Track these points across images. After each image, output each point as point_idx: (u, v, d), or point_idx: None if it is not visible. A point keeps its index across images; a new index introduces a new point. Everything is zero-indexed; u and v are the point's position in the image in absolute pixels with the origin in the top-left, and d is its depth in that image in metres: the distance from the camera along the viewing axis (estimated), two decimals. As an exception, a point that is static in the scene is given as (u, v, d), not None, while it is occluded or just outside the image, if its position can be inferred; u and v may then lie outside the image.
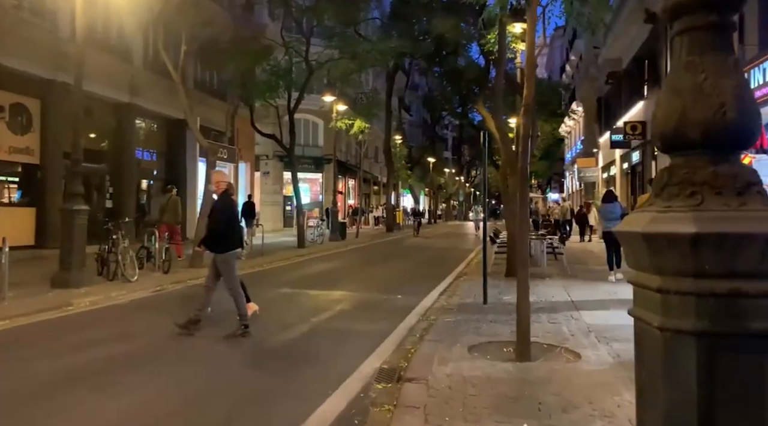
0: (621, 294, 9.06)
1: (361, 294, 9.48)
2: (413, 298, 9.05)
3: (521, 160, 5.38)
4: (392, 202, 35.71)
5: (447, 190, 63.13)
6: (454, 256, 17.25)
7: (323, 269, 13.61)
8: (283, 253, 16.63)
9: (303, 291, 9.69)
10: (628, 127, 18.59)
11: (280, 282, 11.00)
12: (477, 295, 8.98)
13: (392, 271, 13.39)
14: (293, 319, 7.42)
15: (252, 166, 25.81)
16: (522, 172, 5.39)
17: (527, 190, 5.52)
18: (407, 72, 43.28)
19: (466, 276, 11.89)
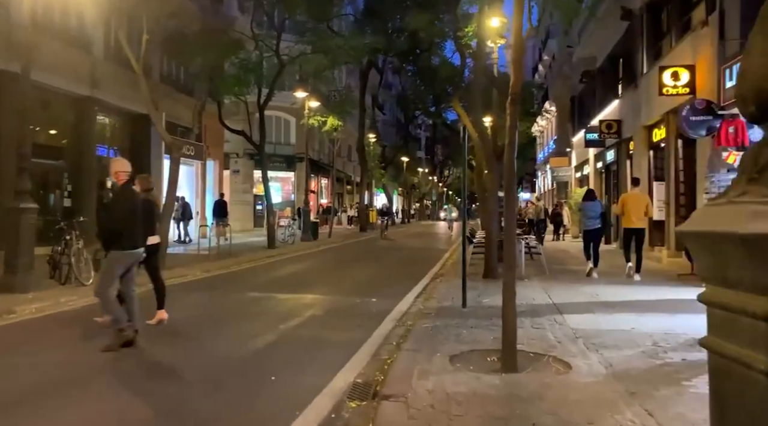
0: (603, 296, 8.75)
1: (333, 297, 8.96)
2: (388, 301, 8.58)
3: (508, 153, 4.95)
4: (365, 202, 35.22)
5: (420, 190, 62.93)
6: (429, 257, 16.85)
7: (294, 271, 13.04)
8: (252, 254, 15.99)
9: (271, 295, 9.13)
10: (604, 125, 18.47)
11: (248, 285, 10.41)
12: (455, 297, 8.55)
13: (366, 273, 12.91)
14: (259, 327, 6.86)
15: (221, 163, 25.01)
16: (509, 166, 4.96)
17: (515, 186, 5.10)
18: (381, 70, 42.85)
19: (442, 277, 11.47)
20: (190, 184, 22.35)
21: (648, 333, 6.16)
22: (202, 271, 12.21)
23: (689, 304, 8.17)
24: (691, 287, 9.75)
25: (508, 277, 4.97)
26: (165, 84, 20.44)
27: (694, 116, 10.28)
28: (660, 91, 11.98)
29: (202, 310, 8.02)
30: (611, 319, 6.98)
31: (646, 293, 9.08)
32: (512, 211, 5.00)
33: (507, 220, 5.07)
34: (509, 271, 4.96)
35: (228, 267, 13.20)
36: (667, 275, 11.57)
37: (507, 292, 4.98)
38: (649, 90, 15.08)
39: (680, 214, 13.45)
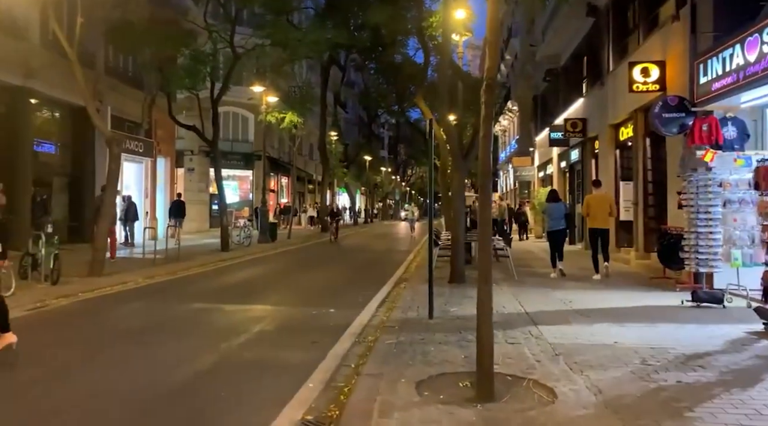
0: (577, 303, 8.21)
1: (287, 308, 8.14)
2: (348, 311, 7.82)
3: (483, 146, 4.26)
4: (327, 201, 34.29)
5: (383, 189, 62.30)
6: (392, 259, 16.16)
7: (246, 277, 12.13)
8: (203, 258, 14.97)
9: (217, 306, 8.23)
10: (569, 124, 18.14)
11: (193, 294, 9.47)
12: (421, 306, 7.87)
13: (325, 278, 12.11)
14: (197, 347, 6.00)
15: (172, 161, 23.74)
16: (486, 162, 4.27)
17: (491, 185, 4.41)
18: (343, 68, 41.95)
19: (406, 282, 10.77)
20: (139, 182, 21.06)
21: (632, 348, 5.59)
22: (145, 277, 11.19)
23: (668, 312, 7.73)
24: (666, 292, 9.36)
25: (484, 292, 4.28)
26: (111, 76, 19.12)
27: (666, 113, 9.87)
28: (630, 88, 11.57)
29: (132, 325, 7.09)
30: (590, 330, 6.40)
31: (621, 299, 8.59)
32: (487, 213, 4.31)
33: (481, 225, 4.38)
34: (484, 286, 4.27)
35: (175, 272, 12.18)
36: (638, 278, 11.18)
37: (482, 308, 4.29)
38: (616, 88, 14.77)
39: (648, 214, 13.13)
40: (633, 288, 9.83)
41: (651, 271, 11.88)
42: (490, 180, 4.41)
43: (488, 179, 4.36)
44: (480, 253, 4.45)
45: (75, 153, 18.38)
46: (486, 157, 4.29)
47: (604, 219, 11.10)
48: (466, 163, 10.33)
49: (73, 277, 10.33)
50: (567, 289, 9.62)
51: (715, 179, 8.09)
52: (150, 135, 21.40)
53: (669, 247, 9.87)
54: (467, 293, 9.13)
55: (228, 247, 17.50)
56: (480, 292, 4.38)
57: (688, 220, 8.37)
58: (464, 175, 10.43)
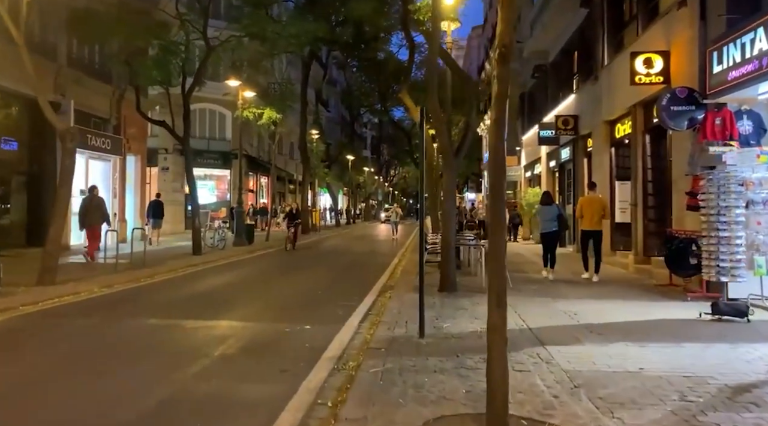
0: (583, 316, 7.33)
1: (256, 324, 7.13)
2: (326, 328, 6.85)
3: (495, 133, 3.33)
4: (309, 201, 33.18)
5: (366, 189, 61.28)
6: (375, 264, 15.20)
7: (216, 285, 11.07)
8: (172, 263, 13.87)
9: (177, 322, 7.19)
10: (560, 121, 17.35)
11: (152, 307, 8.42)
12: (409, 320, 6.95)
13: (303, 285, 11.10)
14: (145, 377, 4.99)
15: (143, 159, 22.48)
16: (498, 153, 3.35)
17: (504, 181, 3.48)
18: (325, 65, 40.96)
19: (391, 290, 9.81)
20: (106, 181, 19.79)
21: (663, 376, 4.71)
22: (102, 286, 10.08)
23: (688, 328, 6.65)
24: (676, 301, 8.53)
25: (496, 317, 3.36)
26: (76, 68, 17.90)
27: (674, 106, 9.07)
28: (631, 80, 10.77)
29: (70, 349, 6.03)
30: (607, 352, 5.51)
31: (630, 311, 7.74)
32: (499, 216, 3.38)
33: (493, 231, 3.45)
34: (497, 310, 3.34)
35: (138, 280, 11.09)
36: (640, 285, 10.37)
37: (495, 339, 3.37)
38: (611, 82, 14.00)
39: (648, 216, 12.36)
40: (639, 297, 9.00)
41: (653, 277, 11.11)
42: (503, 174, 3.49)
43: (500, 172, 3.44)
44: (491, 265, 3.54)
45: (33, 149, 17.09)
46: (498, 146, 3.37)
47: (598, 221, 10.98)
48: (457, 161, 9.43)
49: (18, 287, 9.21)
50: (568, 299, 8.75)
51: (736, 177, 7.27)
52: (119, 131, 20.18)
53: (677, 252, 9.07)
54: (460, 304, 8.22)
55: (200, 250, 16.40)
56: (491, 317, 3.46)
57: (707, 223, 7.55)
58: (455, 174, 9.53)
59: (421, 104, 13.37)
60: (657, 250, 12.10)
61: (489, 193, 3.62)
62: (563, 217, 12.15)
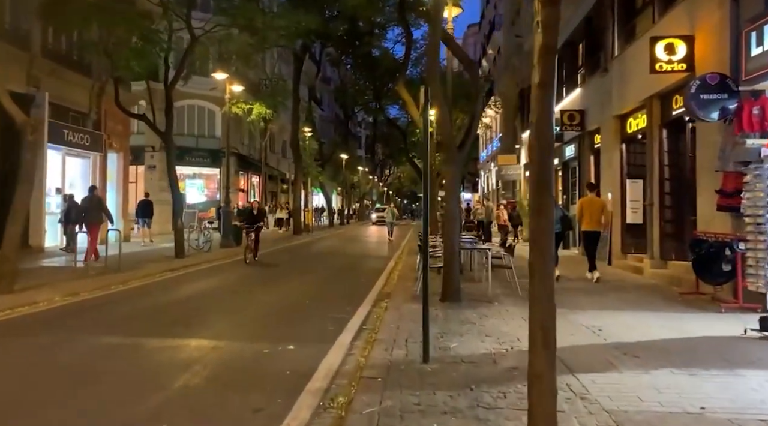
0: (609, 332, 6.36)
1: (231, 344, 6.11)
2: (312, 348, 5.85)
3: (542, 103, 2.35)
4: (301, 201, 32.09)
5: (360, 189, 60.23)
6: (369, 268, 14.21)
7: (192, 293, 10.03)
8: (150, 266, 12.82)
9: (139, 341, 6.16)
10: (565, 116, 16.41)
11: (114, 320, 7.38)
12: (410, 338, 5.97)
13: (290, 293, 10.07)
14: (73, 420, 3.97)
15: (126, 156, 21.39)
16: (544, 128, 2.36)
17: (551, 167, 2.50)
18: (318, 62, 39.91)
19: (388, 299, 8.82)
20: (85, 179, 18.70)
21: (734, 420, 3.74)
22: (66, 294, 9.05)
23: (737, 348, 5.57)
24: (708, 313, 7.58)
25: (542, 364, 2.36)
26: (52, 59, 16.78)
27: (705, 94, 8.13)
28: (652, 68, 9.82)
29: (3, 377, 5.01)
30: (653, 383, 4.54)
31: (661, 325, 6.78)
32: (546, 218, 2.40)
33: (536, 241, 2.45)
34: (544, 351, 2.35)
35: (108, 287, 10.05)
36: (662, 293, 9.42)
37: (539, 396, 2.38)
38: (623, 74, 13.08)
39: (666, 217, 11.41)
40: (664, 307, 8.05)
41: (675, 283, 10.18)
42: (550, 159, 2.50)
43: (547, 157, 2.46)
44: (536, 289, 2.56)
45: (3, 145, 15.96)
46: (545, 119, 2.38)
47: (598, 221, 10.92)
48: (462, 155, 8.44)
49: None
50: (586, 310, 7.78)
51: (787, 173, 6.32)
52: (99, 127, 19.10)
53: (707, 257, 8.12)
54: (466, 317, 7.23)
55: (183, 253, 15.36)
56: (535, 361, 2.49)
57: (753, 225, 6.59)
58: (459, 170, 8.54)
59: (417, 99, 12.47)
60: (675, 253, 11.19)
61: (532, 187, 2.64)
62: (567, 218, 11.76)
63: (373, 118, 57.51)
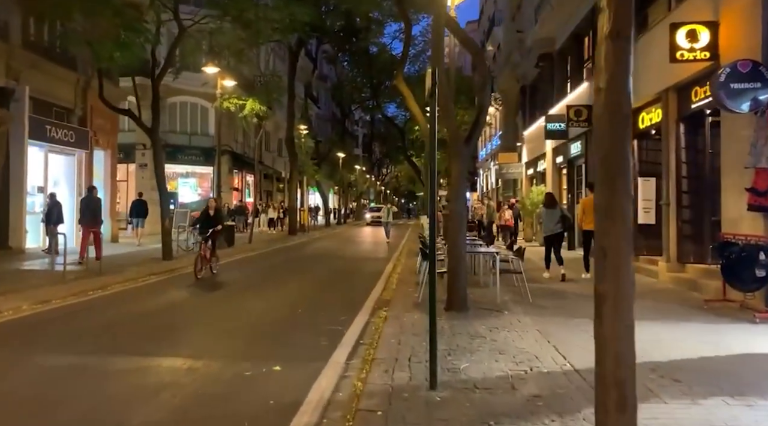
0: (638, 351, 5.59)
1: (208, 364, 5.34)
2: (301, 370, 5.11)
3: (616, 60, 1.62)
4: (297, 200, 31.30)
5: (357, 189, 59.43)
6: (367, 271, 13.47)
7: (175, 300, 9.27)
8: (134, 270, 12.06)
9: (104, 360, 5.40)
10: (572, 111, 15.68)
11: (81, 334, 6.60)
12: (414, 357, 5.24)
13: (281, 300, 9.32)
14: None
15: (113, 154, 20.58)
16: (620, 96, 1.62)
17: (628, 165, 1.77)
18: (314, 59, 39.14)
19: (387, 307, 8.07)
20: (69, 178, 17.92)
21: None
22: (36, 301, 8.28)
23: None
24: (741, 323, 6.85)
25: None
26: (34, 51, 16.00)
27: (735, 83, 7.43)
28: (672, 57, 9.10)
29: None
30: (707, 420, 3.80)
31: (694, 339, 6.06)
32: (626, 229, 1.66)
33: (616, 251, 1.72)
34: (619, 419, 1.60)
35: (85, 293, 9.29)
36: (685, 299, 8.71)
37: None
38: (635, 66, 12.17)
39: (683, 217, 10.69)
40: (691, 317, 7.33)
41: (693, 287, 9.49)
42: (626, 137, 1.78)
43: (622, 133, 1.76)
44: (611, 322, 1.84)
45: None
46: (621, 82, 1.64)
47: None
48: (468, 149, 7.70)
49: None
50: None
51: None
52: (85, 123, 18.32)
53: (738, 262, 7.40)
54: (475, 330, 6.49)
55: (171, 255, 14.61)
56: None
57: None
58: (465, 166, 7.82)
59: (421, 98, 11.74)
60: (693, 256, 10.48)
61: (601, 178, 1.91)
62: (567, 217, 11.74)
63: (370, 116, 56.80)
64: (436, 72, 4.22)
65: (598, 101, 1.87)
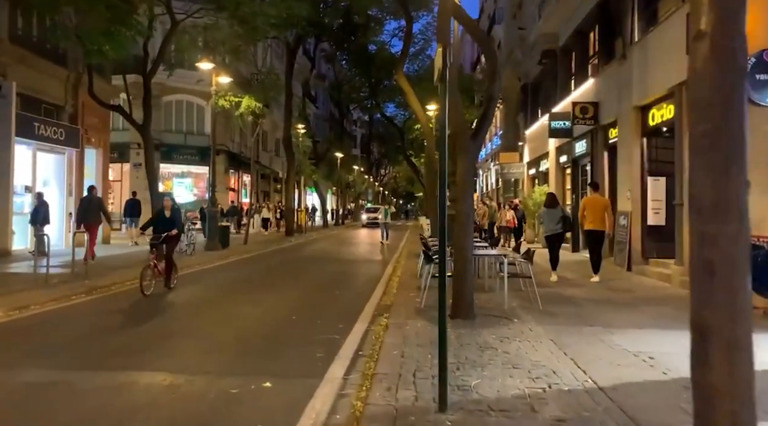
0: (665, 362, 5.12)
1: (191, 380, 4.81)
2: (293, 387, 4.59)
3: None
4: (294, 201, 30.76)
5: (356, 189, 58.88)
6: (366, 274, 12.97)
7: (162, 305, 8.74)
8: (121, 273, 11.52)
9: (74, 376, 4.88)
10: (577, 109, 15.19)
11: (55, 344, 6.07)
12: (419, 372, 4.74)
13: (275, 306, 8.80)
14: None
15: (105, 152, 20.02)
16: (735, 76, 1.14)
17: (746, 138, 1.28)
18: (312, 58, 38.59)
19: (388, 314, 7.56)
20: (59, 177, 17.38)
21: None
22: (13, 307, 7.78)
23: None
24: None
25: None
26: (21, 46, 15.48)
27: (762, 73, 6.94)
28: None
29: None
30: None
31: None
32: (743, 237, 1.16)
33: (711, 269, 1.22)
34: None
35: (68, 298, 8.77)
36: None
37: None
38: (646, 60, 11.89)
39: (698, 218, 10.17)
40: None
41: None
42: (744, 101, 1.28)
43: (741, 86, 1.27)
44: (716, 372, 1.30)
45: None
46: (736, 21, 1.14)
47: (601, 221, 10.84)
48: (477, 145, 7.20)
49: None
50: (624, 328, 6.56)
51: None
52: (75, 120, 17.78)
53: (764, 266, 6.91)
54: (484, 340, 5.98)
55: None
56: None
57: None
58: (473, 163, 7.31)
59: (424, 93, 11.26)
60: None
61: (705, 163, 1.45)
62: (567, 218, 11.60)
63: (368, 116, 56.25)
64: (447, 51, 3.72)
65: (699, 51, 1.42)
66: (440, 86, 3.84)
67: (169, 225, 9.86)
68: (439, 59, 3.75)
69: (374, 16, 32.18)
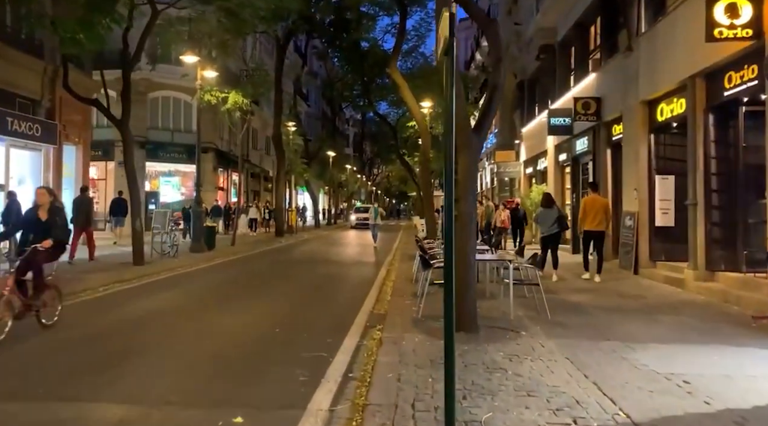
0: (706, 393, 4.38)
1: (148, 413, 4.06)
2: (269, 422, 3.86)
3: None
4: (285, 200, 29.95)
5: (348, 189, 58.10)
6: (357, 278, 12.25)
7: (133, 316, 7.92)
8: (96, 278, 10.71)
9: (13, 406, 4.12)
10: (579, 104, 14.53)
11: (6, 366, 5.31)
12: (419, 402, 4.05)
13: (255, 317, 8.03)
14: None
15: (86, 149, 19.17)
16: None
17: None
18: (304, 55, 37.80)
19: (381, 326, 6.83)
20: (36, 174, 16.51)
21: None
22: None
23: None
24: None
25: None
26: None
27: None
28: (709, 35, 7.95)
29: None
30: None
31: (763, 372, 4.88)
32: None
33: None
34: None
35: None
36: (726, 315, 7.54)
37: None
38: (654, 52, 11.23)
39: (713, 218, 9.53)
40: (747, 340, 6.14)
41: (727, 299, 8.36)
42: None
43: None
44: None
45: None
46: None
47: (600, 221, 10.81)
48: (480, 139, 6.49)
49: None
50: (645, 343, 5.87)
51: None
52: (53, 116, 16.93)
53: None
54: (492, 358, 5.27)
55: (143, 259, 13.24)
56: None
57: None
58: (476, 158, 6.61)
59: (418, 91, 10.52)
60: (725, 263, 9.34)
61: None
62: (563, 218, 11.50)
63: (361, 114, 55.48)
64: (453, 17, 3.01)
65: None
66: (446, 61, 3.13)
67: (41, 232, 6.45)
68: (445, 28, 3.05)
69: (366, 12, 31.47)
